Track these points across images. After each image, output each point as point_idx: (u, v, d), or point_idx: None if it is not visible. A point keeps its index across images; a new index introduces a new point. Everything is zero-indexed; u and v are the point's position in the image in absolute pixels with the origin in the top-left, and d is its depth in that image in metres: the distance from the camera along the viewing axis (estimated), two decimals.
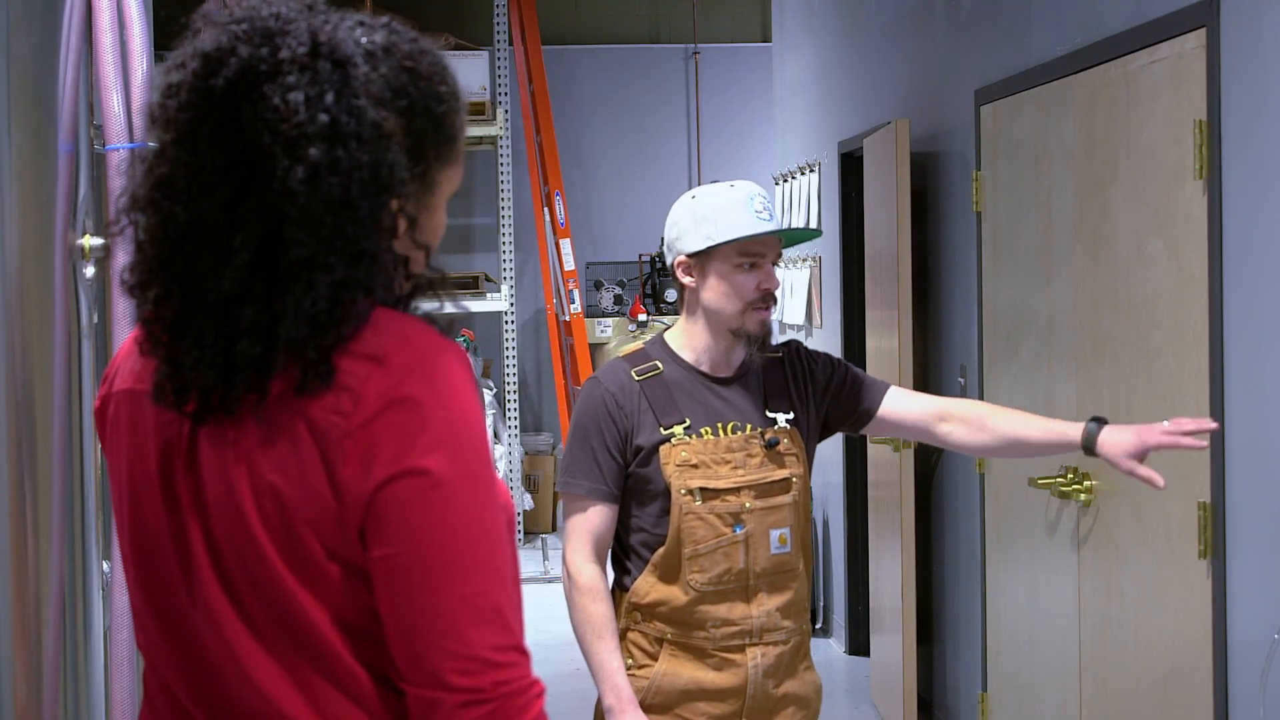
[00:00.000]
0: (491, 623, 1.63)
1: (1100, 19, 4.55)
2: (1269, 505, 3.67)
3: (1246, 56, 3.72)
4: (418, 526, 1.62)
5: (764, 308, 3.26)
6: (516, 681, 1.64)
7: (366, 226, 1.63)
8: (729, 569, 3.22)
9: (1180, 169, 4.02)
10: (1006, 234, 5.41)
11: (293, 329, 1.61)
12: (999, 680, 5.62)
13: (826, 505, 8.26)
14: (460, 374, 1.67)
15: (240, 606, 1.68)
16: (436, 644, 1.62)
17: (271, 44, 1.63)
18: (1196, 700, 3.99)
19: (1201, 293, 3.92)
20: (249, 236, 1.62)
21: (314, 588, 1.66)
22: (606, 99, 12.25)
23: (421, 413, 1.62)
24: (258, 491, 1.65)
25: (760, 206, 3.25)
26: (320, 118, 1.61)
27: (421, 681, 1.63)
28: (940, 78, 6.23)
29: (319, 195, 1.61)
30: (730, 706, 3.25)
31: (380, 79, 1.67)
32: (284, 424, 1.64)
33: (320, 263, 1.62)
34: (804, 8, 8.80)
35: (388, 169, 1.65)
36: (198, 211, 1.63)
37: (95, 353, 2.59)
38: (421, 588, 1.62)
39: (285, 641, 1.67)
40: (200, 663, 1.73)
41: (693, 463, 3.21)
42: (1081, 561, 4.75)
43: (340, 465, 1.62)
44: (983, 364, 5.66)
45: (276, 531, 1.65)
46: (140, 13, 2.72)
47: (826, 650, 8.08)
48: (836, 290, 7.80)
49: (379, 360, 1.63)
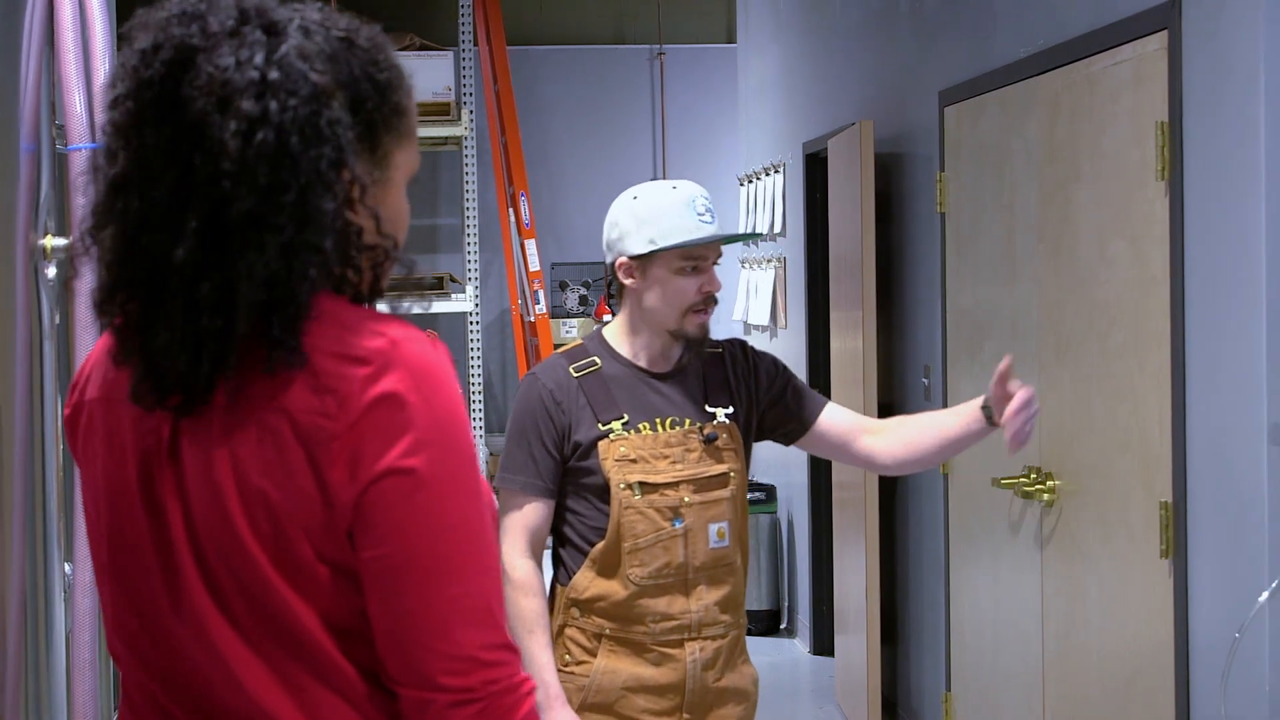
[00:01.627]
0: (481, 622, 1.64)
1: (1063, 21, 4.57)
2: (1229, 505, 3.69)
3: (1207, 58, 3.74)
4: (404, 527, 1.62)
5: (704, 310, 3.27)
6: (506, 680, 1.64)
7: (310, 181, 1.63)
8: (668, 563, 3.23)
9: (1142, 170, 4.04)
10: (970, 235, 5.43)
11: (249, 293, 1.61)
12: (963, 680, 5.63)
13: (791, 505, 8.28)
14: (444, 373, 1.67)
15: (228, 611, 1.67)
16: (426, 645, 1.62)
17: (202, 21, 1.65)
18: (1159, 699, 4.02)
19: (1163, 293, 3.94)
20: (198, 207, 1.62)
21: (304, 591, 1.65)
22: (571, 99, 12.25)
23: (405, 412, 1.62)
24: (245, 497, 1.64)
25: (703, 209, 3.26)
26: (249, 74, 1.62)
27: (412, 682, 1.63)
28: (904, 79, 6.25)
29: (253, 147, 1.61)
30: (670, 701, 3.26)
31: (314, 45, 1.68)
32: (269, 428, 1.63)
33: (268, 222, 1.61)
34: (769, 9, 8.81)
35: (328, 124, 1.65)
36: (150, 198, 1.64)
37: (57, 354, 2.58)
38: (410, 589, 1.62)
39: (275, 645, 1.67)
40: (187, 670, 1.71)
41: (631, 457, 3.22)
42: (1044, 561, 4.77)
43: (328, 468, 1.62)
44: (946, 364, 5.68)
45: (265, 536, 1.64)
46: (102, 11, 2.71)
47: (791, 651, 8.10)
48: (801, 291, 7.81)
49: (362, 360, 1.63)
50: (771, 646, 8.17)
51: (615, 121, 12.30)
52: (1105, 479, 4.32)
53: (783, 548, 8.43)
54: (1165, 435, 3.95)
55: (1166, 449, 3.94)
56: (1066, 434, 4.58)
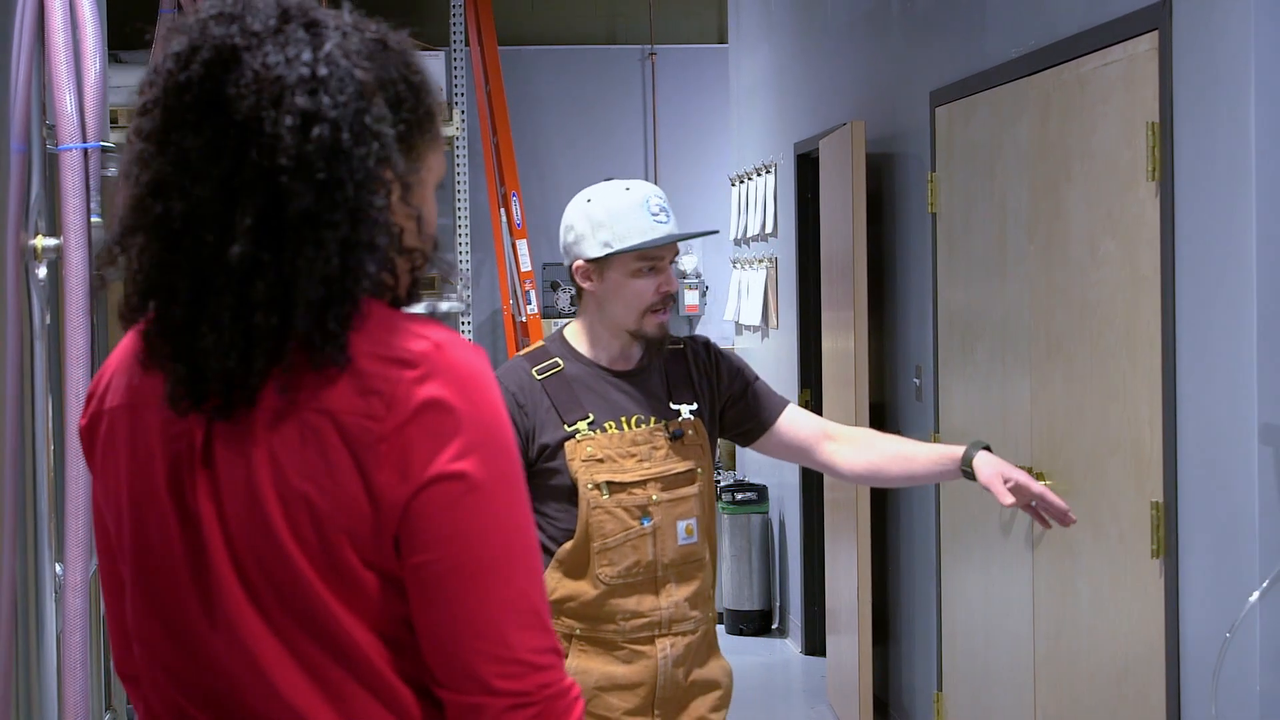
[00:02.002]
0: (532, 625, 1.63)
1: (1054, 22, 4.58)
2: (1220, 505, 3.70)
3: (1198, 59, 3.75)
4: (457, 531, 1.61)
5: (662, 310, 3.27)
6: (557, 683, 1.64)
7: (360, 177, 1.62)
8: (638, 561, 3.23)
9: (1133, 171, 4.05)
10: (961, 235, 5.43)
11: (308, 290, 1.60)
12: (954, 680, 5.64)
13: (783, 506, 8.28)
14: (487, 375, 1.66)
15: (268, 619, 1.64)
16: (479, 648, 1.61)
17: (242, 22, 1.64)
18: (1150, 698, 4.02)
19: (1154, 293, 3.94)
20: (249, 203, 1.60)
21: (350, 600, 1.63)
22: (563, 100, 12.24)
23: (454, 416, 1.61)
24: (285, 501, 1.62)
25: (657, 209, 3.25)
26: (301, 70, 1.61)
27: (464, 687, 1.62)
28: (896, 80, 6.25)
29: (310, 142, 1.60)
30: (640, 698, 3.27)
31: (354, 44, 1.68)
32: (312, 429, 1.62)
33: (324, 219, 1.61)
34: (760, 9, 8.82)
35: (375, 121, 1.64)
36: (194, 199, 1.62)
37: (48, 354, 2.57)
38: (463, 593, 1.61)
39: (321, 657, 1.64)
40: (221, 683, 1.68)
41: (598, 457, 3.22)
42: (1036, 561, 4.77)
43: (375, 470, 1.60)
44: (938, 364, 5.68)
45: (308, 543, 1.62)
46: (93, 12, 2.71)
47: (782, 650, 8.10)
48: (793, 291, 7.82)
49: (408, 364, 1.62)
50: (763, 646, 8.17)
51: (607, 122, 12.29)
52: (1096, 479, 4.33)
53: (774, 548, 8.44)
54: (1156, 435, 3.96)
55: (1157, 449, 3.95)
56: (1058, 434, 4.59)
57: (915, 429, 5.96)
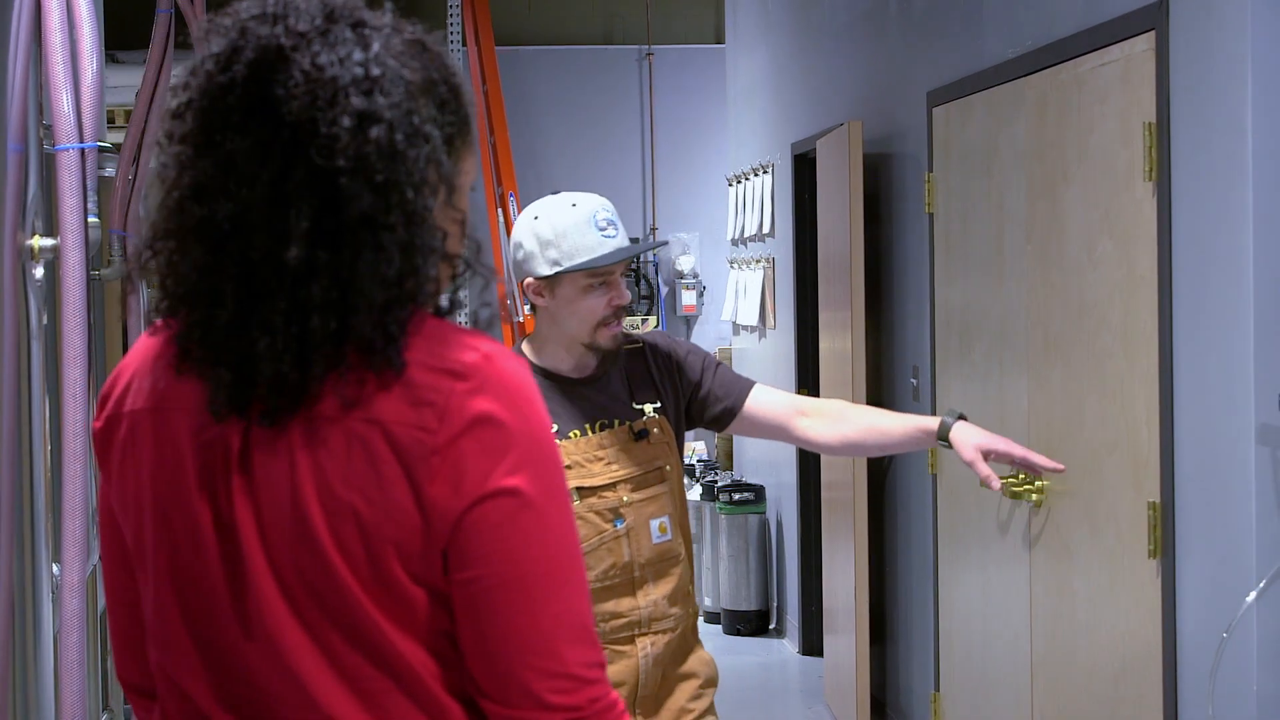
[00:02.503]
0: (582, 639, 1.63)
1: (1051, 22, 4.58)
2: (1217, 505, 3.70)
3: (1195, 59, 3.75)
4: (511, 546, 1.60)
5: (615, 322, 3.27)
6: (606, 697, 1.63)
7: (416, 179, 1.61)
8: (614, 564, 3.24)
9: (1130, 171, 4.05)
10: (958, 235, 5.43)
11: (371, 292, 1.58)
12: (951, 680, 5.64)
13: (780, 506, 8.28)
14: (534, 389, 1.65)
15: (311, 633, 1.62)
16: (532, 664, 1.60)
17: (286, 22, 1.62)
18: (1147, 698, 4.02)
19: (1151, 293, 3.94)
20: (304, 206, 1.57)
21: (396, 612, 1.61)
22: (560, 100, 12.24)
23: (506, 431, 1.60)
24: (330, 511, 1.59)
25: (604, 223, 3.23)
26: (355, 70, 1.59)
27: (516, 702, 1.60)
28: (893, 80, 6.25)
29: (369, 143, 1.58)
30: (623, 698, 3.26)
31: (397, 43, 1.66)
32: (359, 438, 1.59)
33: (382, 222, 1.58)
34: (757, 9, 8.82)
35: (424, 121, 1.63)
36: (243, 202, 1.58)
37: (44, 354, 2.57)
38: (516, 607, 1.60)
39: (366, 669, 1.62)
40: (255, 693, 1.65)
41: (565, 464, 3.22)
42: (1033, 561, 4.78)
43: (427, 483, 1.58)
44: (935, 365, 5.68)
45: (354, 555, 1.59)
46: (90, 13, 2.70)
47: (780, 651, 8.10)
48: (790, 292, 7.82)
49: (459, 375, 1.61)
50: (760, 646, 8.17)
51: (604, 122, 12.29)
52: (1093, 479, 4.33)
53: (771, 548, 8.44)
54: (1154, 435, 3.96)
55: (1155, 449, 3.95)
56: (1055, 434, 4.59)
57: None
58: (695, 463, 9.57)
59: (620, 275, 3.28)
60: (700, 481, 8.76)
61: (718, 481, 8.57)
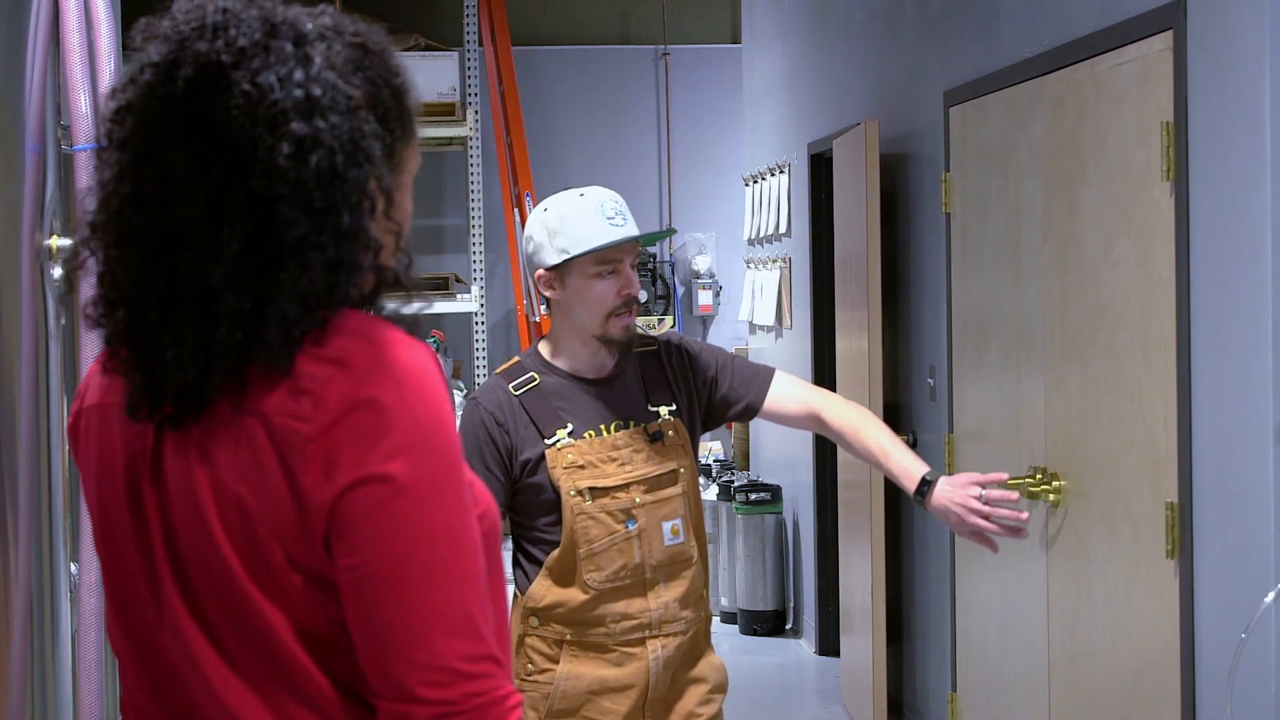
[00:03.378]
0: (462, 632, 1.58)
1: (1068, 21, 4.57)
2: (1236, 505, 3.69)
3: (1213, 58, 3.74)
4: (382, 535, 1.57)
5: (626, 313, 3.29)
6: (490, 693, 1.59)
7: (354, 201, 1.60)
8: (625, 565, 3.25)
9: (1148, 170, 4.04)
10: (975, 235, 5.42)
11: (286, 307, 1.58)
12: (968, 680, 5.63)
13: (796, 506, 8.28)
14: (426, 375, 1.62)
15: (204, 621, 1.64)
16: (404, 655, 1.57)
17: (226, 35, 1.60)
18: (1165, 699, 4.01)
19: (1169, 293, 3.93)
20: (238, 227, 1.58)
21: (277, 599, 1.61)
22: (576, 100, 12.24)
23: (385, 416, 1.57)
24: (221, 501, 1.61)
25: (612, 212, 3.26)
26: (295, 93, 1.58)
27: (391, 695, 1.58)
28: (909, 79, 6.25)
29: (308, 169, 1.57)
30: (633, 701, 3.29)
31: (339, 55, 1.65)
32: (245, 430, 1.59)
33: (313, 241, 1.58)
34: (774, 9, 8.81)
35: (364, 139, 1.62)
36: (178, 218, 1.59)
37: (63, 354, 2.58)
38: (388, 598, 1.57)
39: (251, 656, 1.62)
40: (167, 679, 1.68)
41: (580, 464, 3.24)
42: (1050, 562, 4.77)
43: (301, 472, 1.57)
44: (951, 365, 5.67)
45: (240, 542, 1.60)
46: (108, 12, 2.71)
47: (796, 651, 8.09)
48: (806, 291, 7.81)
49: (341, 363, 1.59)
50: (777, 647, 8.17)
51: (620, 122, 12.29)
52: (1111, 479, 4.32)
53: (788, 548, 8.43)
54: (1171, 436, 3.95)
55: (1172, 449, 3.94)
56: (1072, 435, 4.58)
57: (929, 429, 5.95)
58: (712, 462, 9.56)
59: (631, 266, 3.29)
60: (717, 481, 8.76)
61: (734, 481, 8.57)
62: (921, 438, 6.13)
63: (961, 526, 3.28)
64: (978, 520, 3.24)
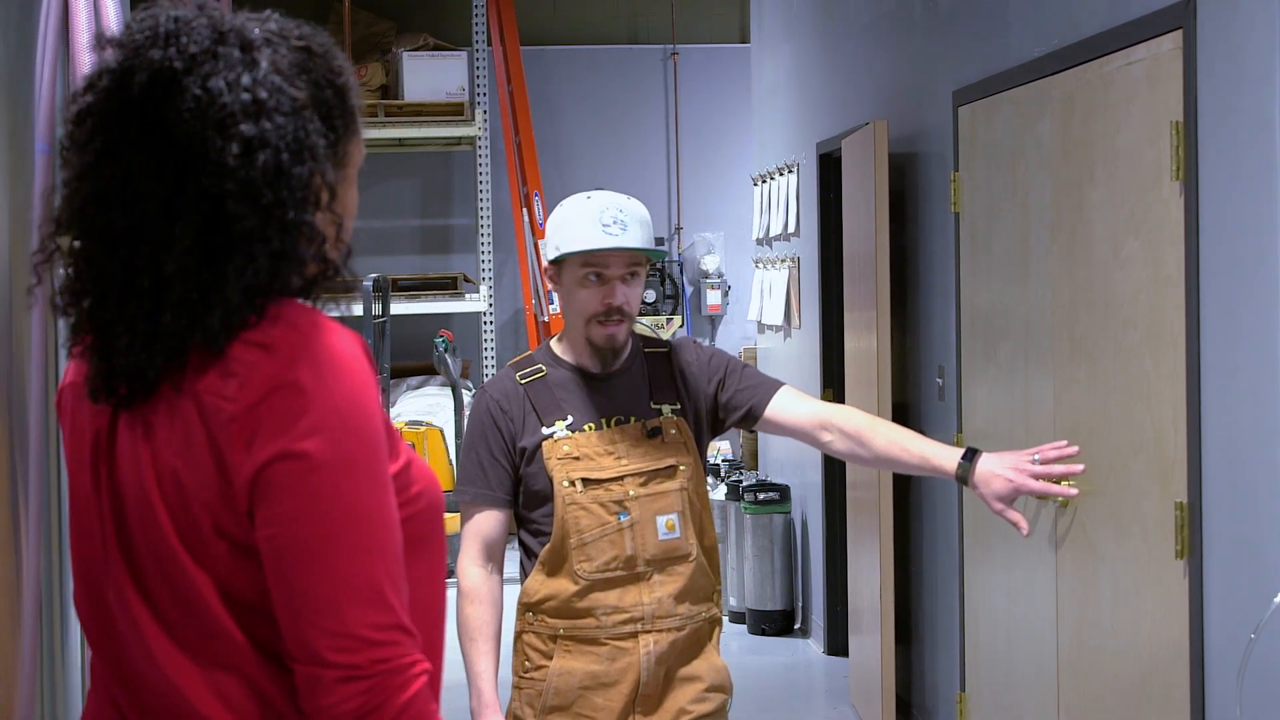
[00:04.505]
0: (370, 602, 1.68)
1: (1077, 20, 4.57)
2: (1245, 505, 3.68)
3: (1222, 58, 3.74)
4: (295, 508, 1.67)
5: (609, 322, 3.30)
6: (396, 660, 1.69)
7: (300, 196, 1.71)
8: (616, 556, 3.27)
9: (1157, 170, 4.03)
10: (984, 235, 5.42)
11: (231, 296, 1.68)
12: (977, 680, 5.63)
13: (805, 506, 8.27)
14: (350, 361, 1.72)
15: (144, 588, 1.75)
16: (314, 621, 1.67)
17: (178, 43, 1.71)
18: (1174, 699, 4.01)
19: (1178, 293, 3.93)
20: (190, 223, 1.69)
21: (205, 564, 1.72)
22: (585, 100, 12.25)
23: (304, 398, 1.68)
24: (159, 474, 1.72)
25: (610, 220, 3.28)
26: (243, 96, 1.69)
27: (303, 658, 1.68)
28: (918, 79, 6.24)
29: (255, 168, 1.68)
30: (625, 696, 3.30)
31: (284, 59, 1.75)
32: (181, 409, 1.71)
33: (259, 235, 1.69)
34: (782, 9, 8.81)
35: (308, 138, 1.72)
36: (135, 214, 1.70)
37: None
38: (300, 567, 1.67)
39: (184, 621, 1.73)
40: (116, 644, 1.79)
41: (575, 455, 3.28)
42: (1059, 562, 4.76)
43: (227, 448, 1.68)
44: (960, 364, 5.67)
45: (176, 511, 1.71)
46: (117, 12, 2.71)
47: (805, 651, 8.09)
48: (815, 291, 7.81)
49: (268, 348, 1.70)
50: (786, 647, 8.16)
51: (629, 121, 12.30)
52: (1120, 479, 4.31)
53: (797, 548, 8.43)
54: (1180, 435, 3.94)
55: (1182, 449, 3.94)
56: (1081, 434, 4.57)
57: (938, 429, 5.95)
58: (720, 462, 9.56)
59: (622, 279, 3.30)
60: (725, 481, 8.76)
61: (743, 481, 8.57)
62: (930, 437, 6.11)
63: (1003, 494, 3.26)
64: (1031, 483, 3.24)
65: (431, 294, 11.11)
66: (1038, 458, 3.26)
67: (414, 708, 1.68)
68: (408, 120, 10.93)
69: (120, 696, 1.81)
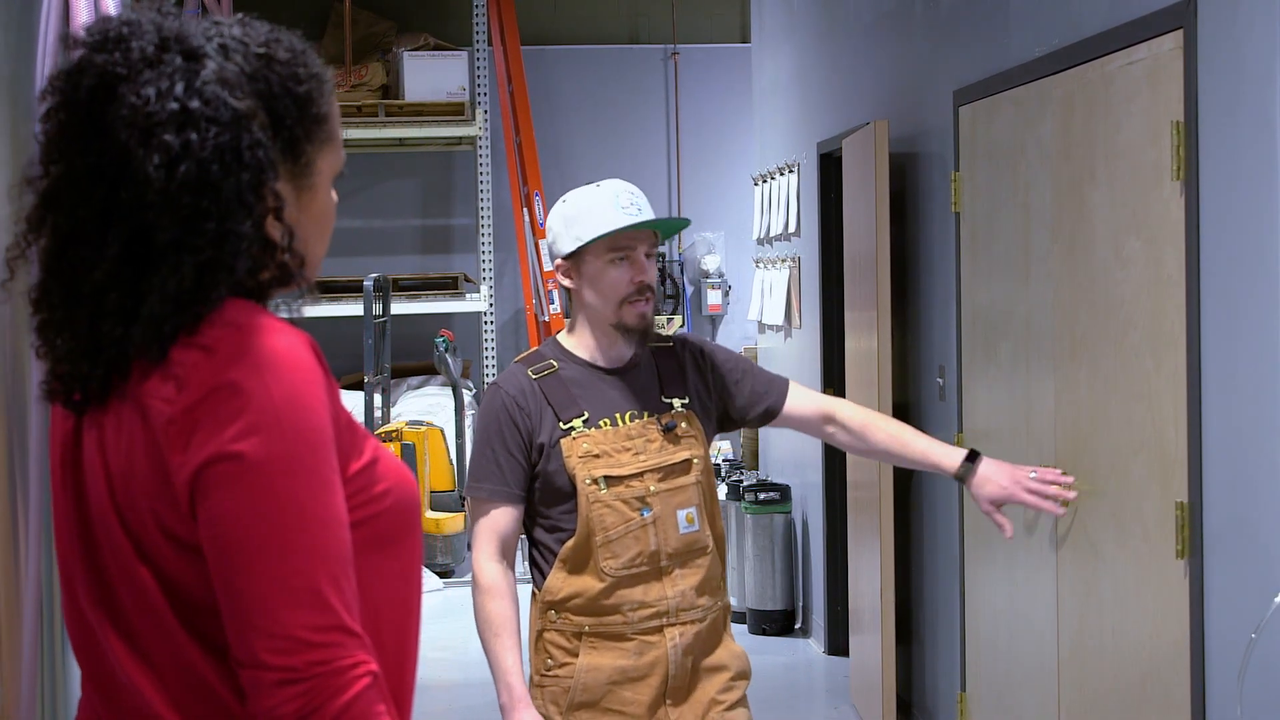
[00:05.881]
0: (307, 604, 1.66)
1: (1078, 20, 4.57)
2: (1246, 505, 3.68)
3: (1223, 58, 3.74)
4: (233, 509, 1.66)
5: (640, 300, 3.34)
6: (335, 661, 1.67)
7: (230, 206, 1.69)
8: (640, 552, 3.30)
9: (1157, 170, 4.03)
10: (985, 235, 5.42)
11: (155, 306, 1.68)
12: (978, 680, 5.63)
13: (805, 505, 8.27)
14: (293, 361, 1.71)
15: (105, 588, 1.76)
16: (253, 623, 1.66)
17: (124, 48, 1.71)
18: (1174, 699, 4.01)
19: (1179, 293, 3.93)
20: (119, 231, 1.70)
21: (154, 565, 1.72)
22: (586, 99, 12.25)
23: (240, 398, 1.67)
24: (110, 476, 1.74)
25: (627, 202, 3.33)
26: (170, 105, 1.68)
27: (245, 661, 1.67)
28: (919, 79, 6.24)
29: (176, 179, 1.67)
30: (654, 689, 3.33)
31: (234, 66, 1.73)
32: (127, 414, 1.72)
33: (186, 244, 1.68)
34: (783, 8, 8.81)
35: (249, 149, 1.70)
36: (77, 218, 1.72)
37: None
38: (238, 569, 1.66)
39: (139, 621, 1.75)
40: (94, 651, 1.81)
41: (595, 453, 3.30)
42: (1060, 561, 4.76)
43: (167, 449, 1.68)
44: (961, 364, 5.67)
45: (126, 512, 1.73)
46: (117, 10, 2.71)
47: (805, 650, 8.09)
48: (815, 291, 7.81)
49: (207, 349, 1.69)
50: (786, 646, 8.17)
51: (630, 121, 12.30)
52: (1120, 479, 4.31)
53: (797, 547, 8.43)
54: (1181, 435, 3.94)
55: (1182, 449, 3.94)
56: (1081, 434, 4.57)
57: (938, 429, 5.94)
58: (721, 462, 9.57)
59: (646, 256, 3.36)
60: (726, 481, 8.76)
61: (743, 481, 8.57)
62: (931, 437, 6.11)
63: (995, 498, 3.50)
64: (1023, 494, 3.49)
65: (432, 294, 11.12)
66: (1034, 475, 3.51)
67: (354, 709, 1.66)
68: (408, 120, 10.94)
69: (97, 701, 1.82)
